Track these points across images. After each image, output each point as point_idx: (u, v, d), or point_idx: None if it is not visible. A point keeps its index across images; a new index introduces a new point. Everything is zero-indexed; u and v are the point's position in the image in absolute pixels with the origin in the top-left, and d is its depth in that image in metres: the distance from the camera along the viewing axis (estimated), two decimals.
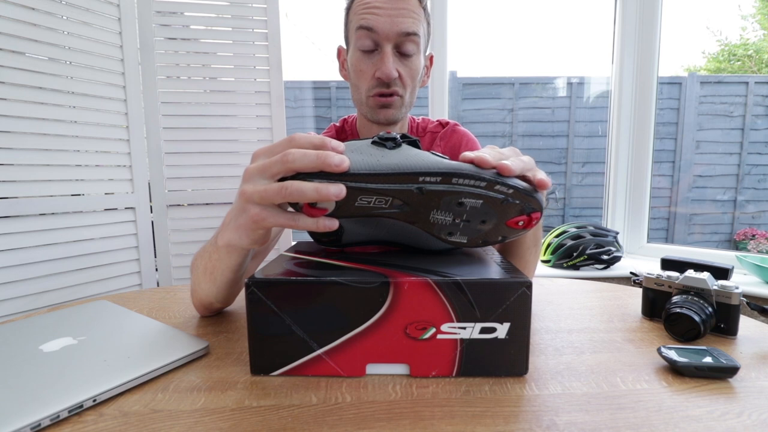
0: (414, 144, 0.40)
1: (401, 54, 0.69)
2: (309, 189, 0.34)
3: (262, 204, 0.37)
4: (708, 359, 0.38)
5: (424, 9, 0.70)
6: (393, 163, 0.36)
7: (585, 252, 1.45)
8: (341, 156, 0.35)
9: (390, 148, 0.38)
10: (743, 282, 1.29)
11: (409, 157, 0.37)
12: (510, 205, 0.38)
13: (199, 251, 0.51)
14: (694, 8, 2.86)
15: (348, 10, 0.72)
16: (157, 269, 1.27)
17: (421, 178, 0.37)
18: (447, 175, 0.36)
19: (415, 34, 0.67)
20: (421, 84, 0.76)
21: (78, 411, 0.33)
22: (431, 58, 0.79)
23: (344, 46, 0.76)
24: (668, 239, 2.47)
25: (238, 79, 1.27)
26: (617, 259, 1.48)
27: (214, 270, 0.47)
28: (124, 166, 1.17)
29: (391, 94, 0.70)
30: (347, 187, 0.35)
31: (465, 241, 0.42)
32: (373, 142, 0.38)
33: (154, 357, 0.40)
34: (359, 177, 0.36)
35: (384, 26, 0.66)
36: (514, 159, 0.38)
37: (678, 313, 0.46)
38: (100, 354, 0.40)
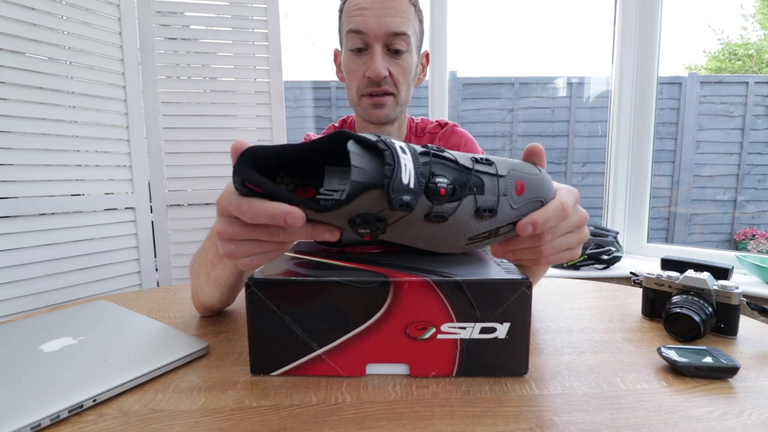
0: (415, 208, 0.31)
1: (391, 53, 0.69)
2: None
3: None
4: (708, 359, 0.38)
5: (415, 6, 0.70)
6: (378, 243, 0.36)
7: (585, 252, 1.45)
8: (332, 233, 0.32)
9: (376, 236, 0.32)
10: (743, 282, 1.29)
11: (395, 241, 0.35)
12: None
13: (197, 257, 0.51)
14: (696, 6, 2.86)
15: (340, 12, 0.72)
16: (157, 269, 1.27)
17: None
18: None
19: (403, 33, 0.67)
20: (417, 82, 0.76)
21: (78, 411, 0.33)
22: (427, 56, 0.79)
23: (339, 49, 0.77)
24: (668, 239, 2.46)
25: (238, 79, 1.26)
26: (617, 259, 1.48)
27: (218, 277, 0.48)
28: (124, 166, 1.17)
29: (383, 94, 0.70)
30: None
31: None
32: (352, 228, 0.31)
33: (154, 357, 0.40)
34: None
35: (372, 27, 0.66)
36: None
37: (678, 313, 0.45)
38: (100, 354, 0.40)
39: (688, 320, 0.45)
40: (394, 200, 0.28)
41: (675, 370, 0.39)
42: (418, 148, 0.31)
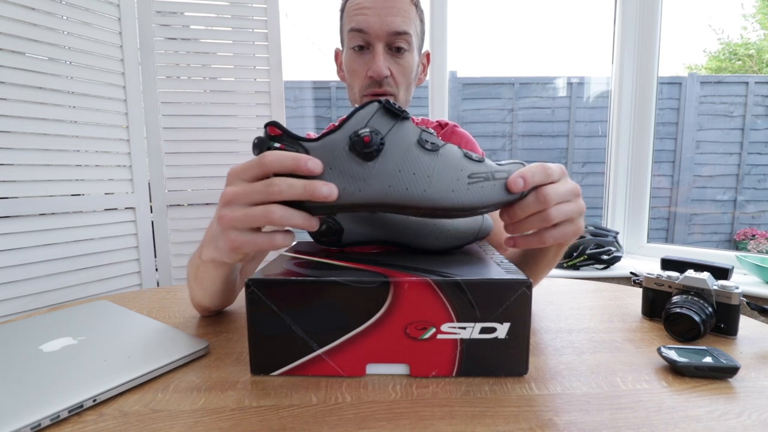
0: (401, 117, 0.37)
1: (393, 51, 0.69)
2: (297, 217, 0.35)
3: (242, 229, 0.36)
4: (708, 359, 0.38)
5: (416, 6, 0.70)
6: (377, 190, 0.35)
7: (585, 252, 1.45)
8: (329, 186, 0.34)
9: (372, 160, 0.35)
10: (743, 282, 1.29)
11: (394, 180, 0.36)
12: None
13: (191, 258, 0.51)
14: (696, 6, 2.86)
15: (342, 11, 0.72)
16: (157, 269, 1.27)
17: (407, 209, 0.37)
18: (433, 210, 0.37)
19: (405, 32, 0.67)
20: (417, 82, 0.76)
21: (78, 411, 0.33)
22: (428, 56, 0.79)
23: (341, 48, 0.77)
24: (668, 239, 2.46)
25: (238, 79, 1.26)
26: (617, 259, 1.48)
27: (203, 281, 0.47)
28: (124, 166, 1.17)
29: (383, 94, 0.70)
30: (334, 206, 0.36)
31: None
32: (351, 149, 0.35)
33: (154, 357, 0.40)
34: (345, 206, 0.36)
35: (374, 26, 0.66)
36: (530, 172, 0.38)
37: (678, 313, 0.46)
38: (100, 354, 0.40)
39: (688, 320, 0.45)
40: (389, 100, 0.36)
41: (675, 370, 0.39)
42: None
